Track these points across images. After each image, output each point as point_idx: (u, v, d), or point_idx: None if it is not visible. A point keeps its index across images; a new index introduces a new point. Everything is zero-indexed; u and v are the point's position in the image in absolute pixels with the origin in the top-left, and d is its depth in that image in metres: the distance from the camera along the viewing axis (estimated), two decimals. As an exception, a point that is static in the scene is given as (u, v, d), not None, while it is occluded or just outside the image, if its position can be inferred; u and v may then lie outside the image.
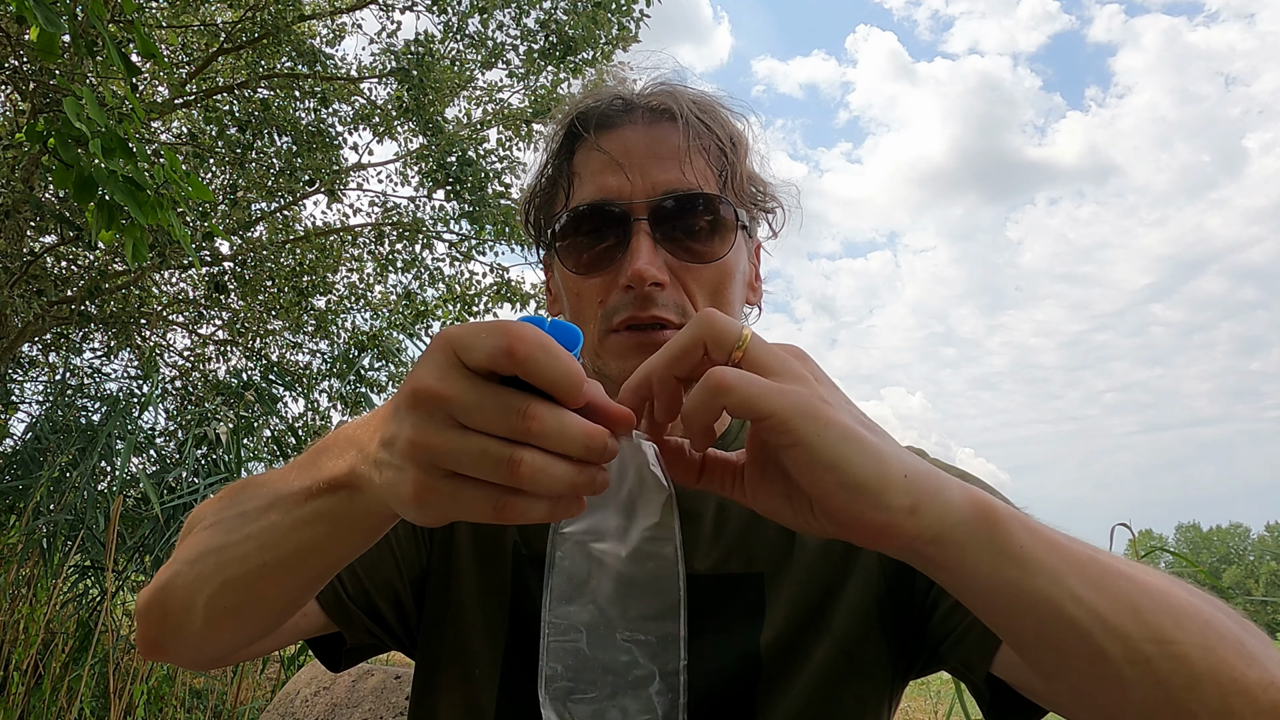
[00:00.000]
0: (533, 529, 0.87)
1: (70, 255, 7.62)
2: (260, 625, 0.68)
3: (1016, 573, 0.49)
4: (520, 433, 0.45)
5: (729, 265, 0.84)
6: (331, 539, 0.58)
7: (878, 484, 0.47)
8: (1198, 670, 0.48)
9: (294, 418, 7.86)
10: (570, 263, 0.84)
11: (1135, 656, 0.48)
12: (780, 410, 0.47)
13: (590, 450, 0.46)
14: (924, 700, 8.41)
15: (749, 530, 0.84)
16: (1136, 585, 0.51)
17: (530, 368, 0.44)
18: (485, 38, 8.04)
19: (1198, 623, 0.50)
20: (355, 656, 0.89)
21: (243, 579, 0.62)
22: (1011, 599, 0.50)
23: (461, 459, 0.46)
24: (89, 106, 2.67)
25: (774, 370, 0.49)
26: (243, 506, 0.65)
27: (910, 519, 0.48)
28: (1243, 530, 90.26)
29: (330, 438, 0.60)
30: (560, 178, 0.89)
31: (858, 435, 0.48)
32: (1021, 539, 0.50)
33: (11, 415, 6.92)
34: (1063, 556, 0.50)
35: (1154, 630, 0.49)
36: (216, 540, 0.65)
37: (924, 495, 0.48)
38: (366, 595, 0.84)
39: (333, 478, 0.56)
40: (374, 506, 0.54)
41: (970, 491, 0.51)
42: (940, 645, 0.78)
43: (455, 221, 8.59)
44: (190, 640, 0.68)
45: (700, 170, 0.84)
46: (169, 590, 0.67)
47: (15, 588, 4.36)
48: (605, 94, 0.89)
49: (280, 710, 3.06)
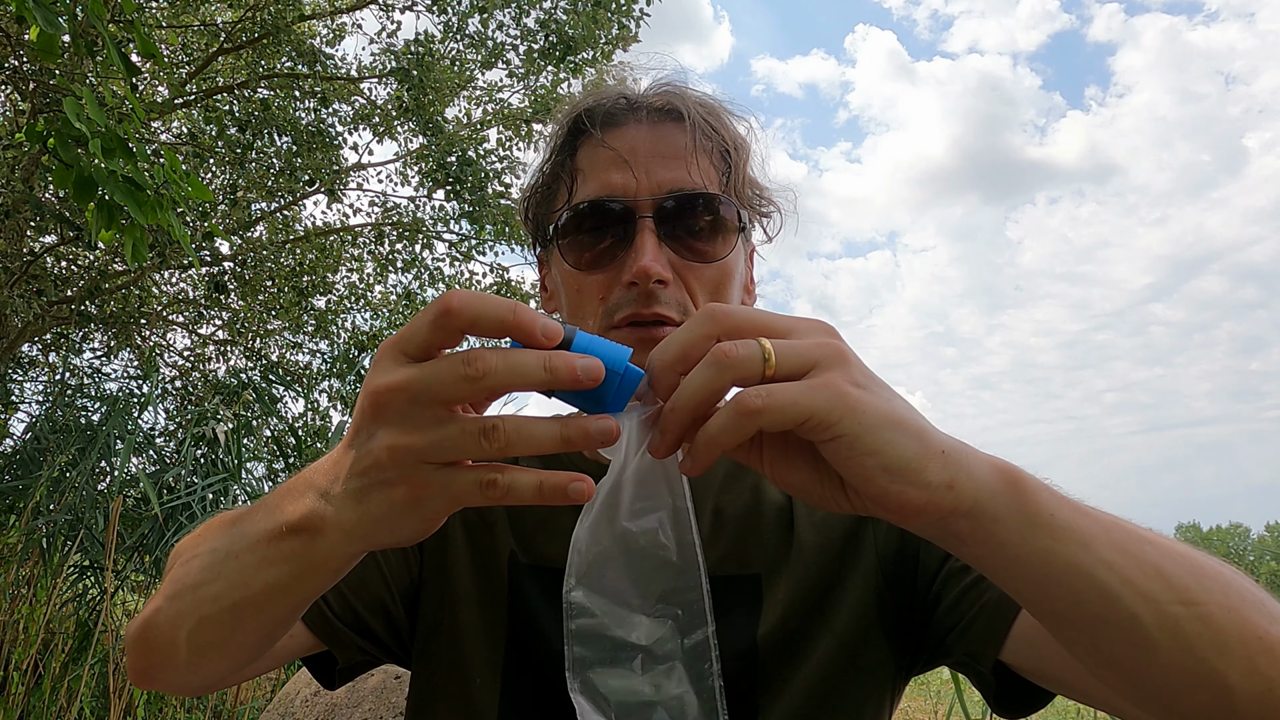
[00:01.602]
0: (529, 538, 0.87)
1: (70, 255, 7.61)
2: (243, 656, 0.69)
3: (1047, 541, 0.49)
4: (472, 379, 0.45)
5: (730, 266, 0.84)
6: (296, 579, 0.58)
7: (920, 463, 0.47)
8: (1224, 630, 0.49)
9: (294, 418, 7.86)
10: (572, 258, 0.84)
11: (1164, 619, 0.49)
12: (817, 412, 0.46)
13: (553, 371, 0.46)
14: (924, 700, 8.40)
15: (745, 532, 0.84)
16: (1160, 549, 0.51)
17: (468, 315, 0.46)
18: (485, 38, 8.03)
19: (1219, 583, 0.51)
20: (349, 675, 0.89)
21: (217, 616, 0.62)
22: (1043, 567, 0.50)
23: (445, 445, 0.46)
24: (89, 106, 2.67)
25: (803, 369, 0.48)
26: (216, 544, 0.65)
27: (949, 494, 0.48)
28: (1243, 530, 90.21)
29: (292, 480, 0.60)
30: (563, 174, 0.88)
31: (896, 418, 0.47)
32: (1052, 507, 0.50)
33: (11, 415, 6.92)
34: (1091, 523, 0.51)
35: (1180, 592, 0.49)
36: (193, 577, 0.65)
37: (960, 471, 0.48)
38: (354, 613, 0.84)
39: (290, 521, 0.55)
40: (335, 548, 0.54)
41: (999, 463, 0.51)
42: (946, 637, 0.78)
43: (455, 221, 8.59)
44: (178, 671, 0.69)
45: (705, 171, 0.84)
46: (152, 626, 0.68)
47: (15, 588, 4.36)
48: (610, 92, 0.89)
49: (280, 710, 3.05)
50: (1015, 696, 0.74)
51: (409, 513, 0.49)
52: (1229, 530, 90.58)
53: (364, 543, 0.53)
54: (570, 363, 0.46)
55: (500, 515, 0.89)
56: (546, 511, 0.84)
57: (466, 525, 0.89)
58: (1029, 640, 0.71)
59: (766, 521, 0.86)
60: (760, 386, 0.47)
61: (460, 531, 0.89)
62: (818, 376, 0.47)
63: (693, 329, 0.50)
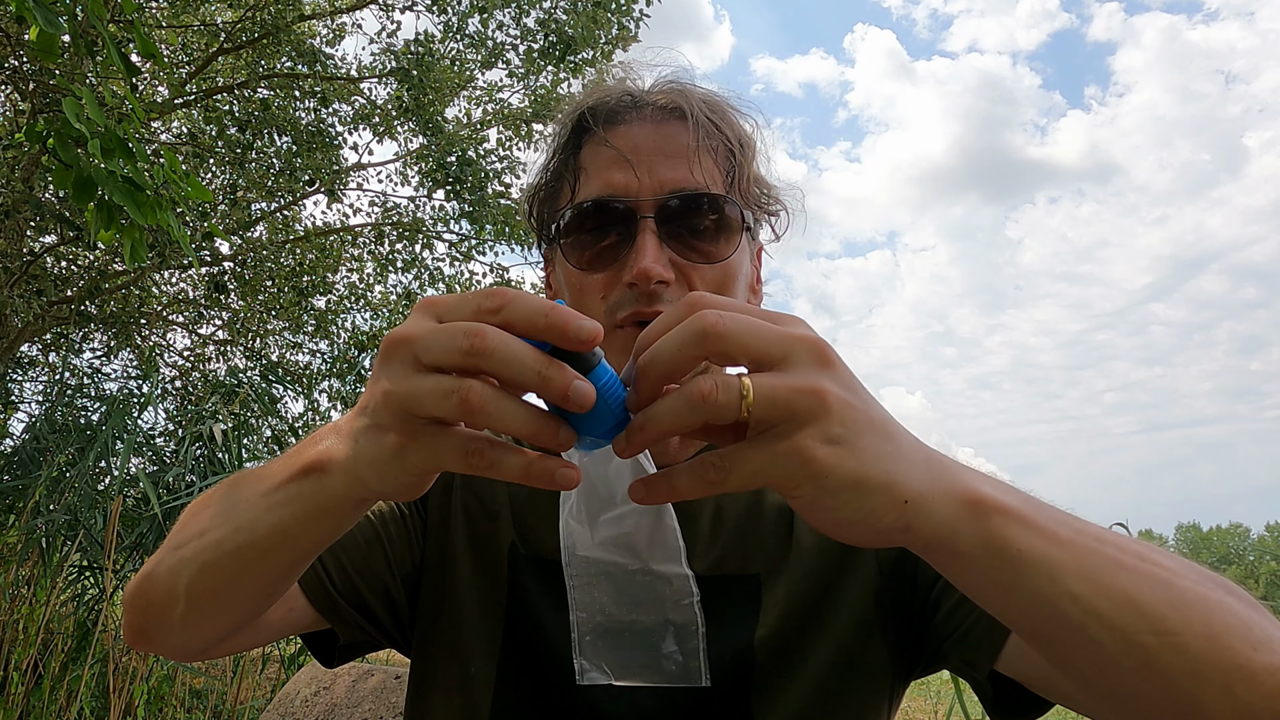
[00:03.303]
0: (530, 530, 0.87)
1: (70, 255, 7.61)
2: (240, 611, 0.69)
3: (1010, 574, 0.49)
4: (469, 352, 0.45)
5: (733, 266, 0.84)
6: (299, 523, 0.59)
7: (875, 517, 0.48)
8: (1200, 658, 0.48)
9: (294, 418, 7.87)
10: (574, 258, 0.84)
11: (1134, 648, 0.49)
12: (775, 479, 0.46)
13: (546, 380, 0.45)
14: (924, 700, 8.40)
15: (746, 531, 0.84)
16: (1138, 576, 0.50)
17: (507, 315, 0.47)
18: (485, 37, 8.03)
19: (1201, 610, 0.50)
20: (349, 653, 0.89)
21: (219, 562, 0.63)
22: (1005, 597, 0.50)
23: (422, 398, 0.46)
24: (89, 106, 2.67)
25: (777, 421, 0.46)
26: (227, 494, 0.66)
27: (901, 535, 0.49)
28: (1243, 530, 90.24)
29: (321, 428, 0.62)
30: (566, 172, 0.88)
31: (860, 479, 0.46)
32: (1019, 539, 0.49)
33: (11, 415, 6.92)
34: (1063, 551, 0.50)
35: (1154, 621, 0.49)
36: (199, 525, 0.66)
37: (919, 514, 0.48)
38: (356, 591, 0.84)
39: (305, 463, 0.57)
40: (339, 487, 0.55)
41: (972, 494, 0.50)
42: (944, 643, 0.78)
43: (455, 221, 8.59)
44: (174, 628, 0.69)
45: (708, 170, 0.83)
46: (153, 577, 0.68)
47: (14, 588, 4.36)
48: (614, 90, 0.88)
49: (280, 710, 3.05)
50: (1013, 704, 0.74)
51: (393, 461, 0.50)
52: (1229, 530, 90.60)
53: (361, 486, 0.54)
54: (566, 379, 0.45)
55: (504, 505, 0.89)
56: (549, 505, 0.85)
57: (469, 514, 0.89)
58: (1025, 651, 0.70)
59: (766, 522, 0.86)
60: (722, 454, 0.47)
61: (463, 520, 0.89)
62: (788, 437, 0.46)
63: (683, 345, 0.47)
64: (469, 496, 0.91)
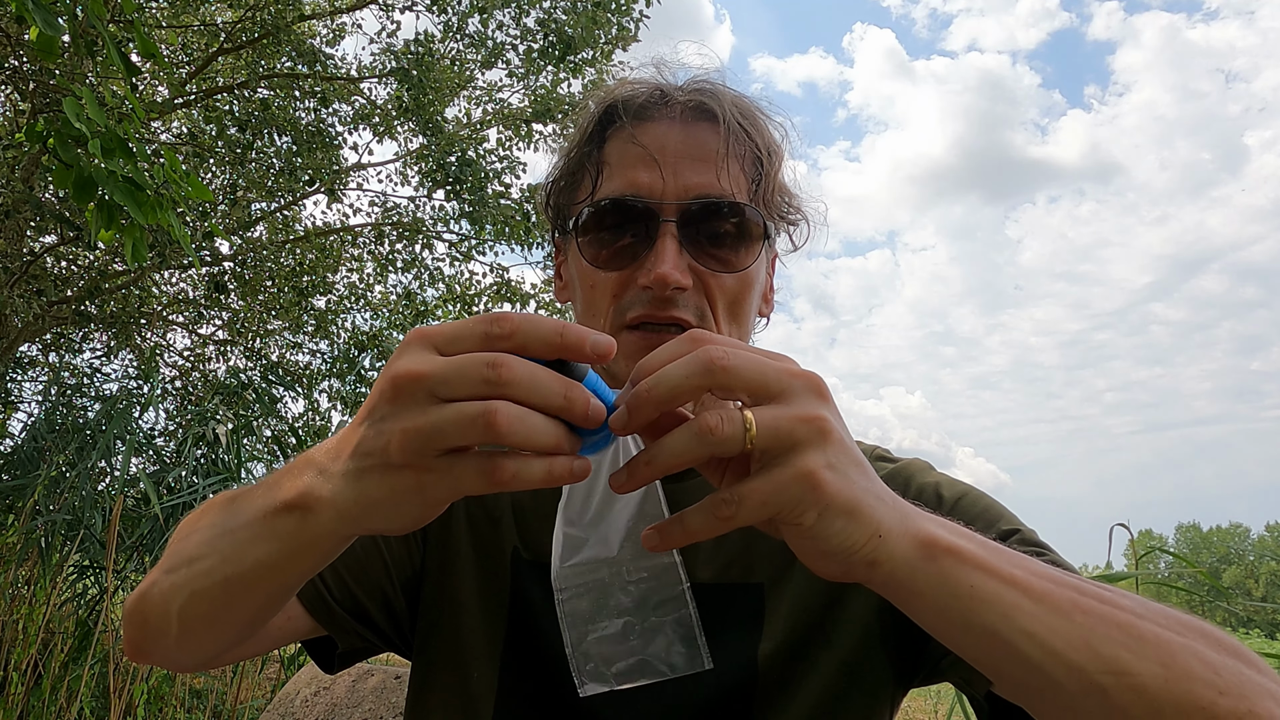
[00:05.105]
0: (533, 534, 0.87)
1: (70, 255, 7.61)
2: (233, 634, 0.69)
3: (964, 613, 0.51)
4: (493, 383, 0.46)
5: (750, 276, 0.83)
6: (286, 558, 0.58)
7: (854, 549, 0.51)
8: (1159, 700, 0.49)
9: (294, 418, 7.87)
10: (590, 254, 0.83)
11: (1092, 689, 0.49)
12: (784, 508, 0.49)
13: (571, 402, 0.47)
14: (924, 700, 8.40)
15: (751, 540, 0.83)
16: (1093, 616, 0.51)
17: (519, 339, 0.47)
18: (485, 37, 8.03)
19: (1159, 652, 0.50)
20: (349, 660, 0.89)
21: (208, 591, 0.63)
22: (961, 634, 0.52)
23: (446, 430, 0.46)
24: (89, 106, 2.67)
25: (781, 450, 0.49)
26: (215, 519, 0.65)
27: (866, 570, 0.52)
28: (1243, 530, 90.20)
29: (296, 458, 0.61)
30: (588, 164, 0.86)
31: (853, 505, 0.50)
32: (973, 579, 0.51)
33: (10, 415, 6.92)
34: (1018, 593, 0.51)
35: (1109, 662, 0.49)
36: (189, 551, 0.65)
37: (882, 551, 0.51)
38: (353, 599, 0.84)
39: (286, 499, 0.56)
40: (328, 525, 0.54)
41: (926, 536, 0.52)
42: (941, 661, 0.77)
43: (455, 221, 8.59)
44: (170, 645, 0.69)
45: (734, 177, 0.82)
46: (147, 598, 0.68)
47: (14, 588, 4.36)
48: (645, 84, 0.86)
49: (280, 710, 3.05)
50: None
51: (411, 498, 0.50)
52: (1229, 530, 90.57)
53: (355, 525, 0.53)
54: (586, 400, 0.48)
55: (506, 510, 0.89)
56: (551, 509, 0.85)
57: (471, 519, 0.89)
58: None
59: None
60: (734, 491, 0.49)
61: (465, 525, 0.88)
62: (793, 464, 0.49)
63: (689, 375, 0.49)
64: (471, 502, 0.90)
